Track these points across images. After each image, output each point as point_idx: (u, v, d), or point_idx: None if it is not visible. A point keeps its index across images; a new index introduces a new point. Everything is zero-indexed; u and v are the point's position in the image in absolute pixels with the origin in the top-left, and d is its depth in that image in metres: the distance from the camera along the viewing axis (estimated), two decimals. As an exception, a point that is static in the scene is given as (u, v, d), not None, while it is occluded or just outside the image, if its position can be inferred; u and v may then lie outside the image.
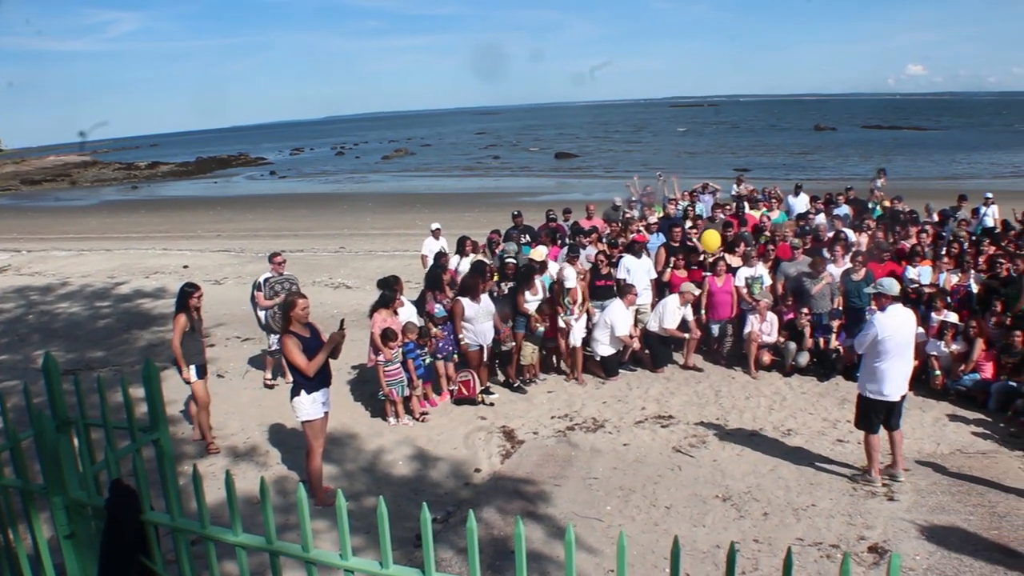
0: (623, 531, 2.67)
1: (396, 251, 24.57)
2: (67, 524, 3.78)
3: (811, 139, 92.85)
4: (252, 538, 3.21)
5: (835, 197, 18.96)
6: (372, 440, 10.43)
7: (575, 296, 12.67)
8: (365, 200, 44.90)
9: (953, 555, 7.39)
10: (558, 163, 70.86)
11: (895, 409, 8.85)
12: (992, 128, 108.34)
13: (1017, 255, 13.18)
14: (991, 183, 40.83)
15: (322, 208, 41.25)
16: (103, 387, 3.93)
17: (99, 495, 3.77)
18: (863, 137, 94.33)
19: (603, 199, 23.48)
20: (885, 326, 8.61)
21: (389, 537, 2.87)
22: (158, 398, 3.94)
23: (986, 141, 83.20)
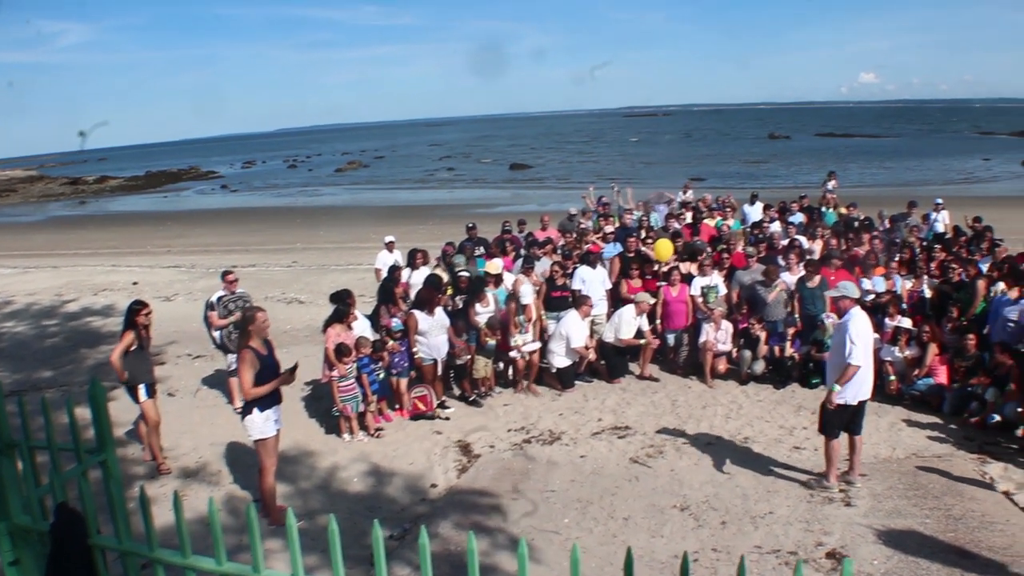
0: (576, 544, 2.64)
1: (350, 265, 24.40)
2: (11, 550, 3.68)
3: (765, 147, 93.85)
4: (202, 560, 3.14)
5: (789, 205, 19.11)
6: (327, 457, 10.31)
7: (529, 314, 12.65)
8: (318, 213, 44.71)
9: (910, 558, 7.46)
10: (512, 174, 70.93)
11: (859, 414, 8.92)
12: (944, 135, 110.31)
13: (969, 260, 13.35)
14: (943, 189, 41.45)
15: (275, 222, 40.95)
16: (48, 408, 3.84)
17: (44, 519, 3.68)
18: (817, 145, 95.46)
19: (558, 210, 23.53)
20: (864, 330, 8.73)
21: (341, 556, 2.82)
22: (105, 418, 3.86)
23: (938, 148, 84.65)
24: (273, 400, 8.22)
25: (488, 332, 12.25)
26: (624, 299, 13.38)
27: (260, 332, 8.13)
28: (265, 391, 8.02)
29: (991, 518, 8.29)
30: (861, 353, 8.61)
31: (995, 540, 7.82)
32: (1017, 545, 7.71)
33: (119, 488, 3.63)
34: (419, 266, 14.05)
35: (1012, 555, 7.50)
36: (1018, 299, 11.52)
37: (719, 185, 41.00)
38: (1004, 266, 12.91)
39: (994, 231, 15.67)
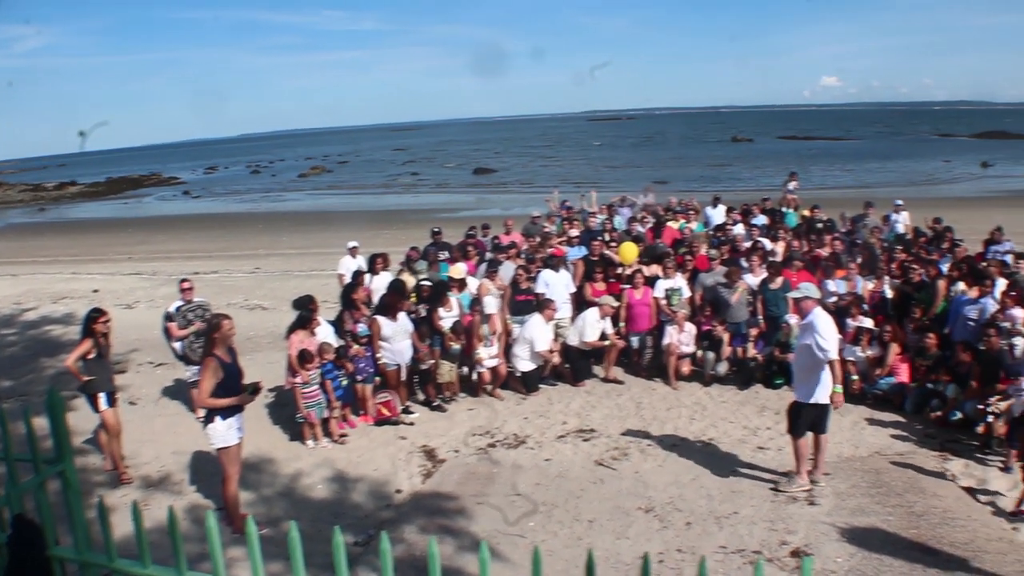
0: (537, 547, 2.62)
1: (313, 271, 24.25)
2: (-34, 564, 3.62)
3: (728, 151, 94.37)
4: (162, 570, 3.10)
5: (752, 207, 19.25)
6: (290, 464, 10.23)
7: (494, 326, 12.64)
8: (281, 219, 44.44)
9: (873, 555, 7.54)
10: (477, 179, 70.84)
11: (825, 413, 8.97)
12: (904, 137, 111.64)
13: (929, 261, 13.49)
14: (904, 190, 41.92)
15: (237, 228, 40.61)
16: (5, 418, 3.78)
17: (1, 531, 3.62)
18: (780, 148, 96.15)
19: (522, 214, 23.52)
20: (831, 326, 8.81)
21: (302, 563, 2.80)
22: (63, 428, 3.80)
23: (899, 150, 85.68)
24: (235, 408, 8.15)
25: (452, 337, 12.24)
26: (588, 302, 13.39)
27: (225, 340, 8.07)
28: (222, 404, 7.95)
29: (953, 514, 8.40)
30: (835, 348, 8.74)
31: (957, 536, 7.91)
32: (978, 540, 7.82)
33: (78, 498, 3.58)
34: (380, 271, 13.99)
35: (973, 550, 7.60)
36: (977, 298, 11.68)
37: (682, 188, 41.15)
38: (964, 266, 13.08)
39: (954, 231, 15.85)
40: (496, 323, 12.72)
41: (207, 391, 7.88)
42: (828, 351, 8.60)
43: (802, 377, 8.87)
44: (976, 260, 13.95)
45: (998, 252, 15.01)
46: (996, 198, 42.24)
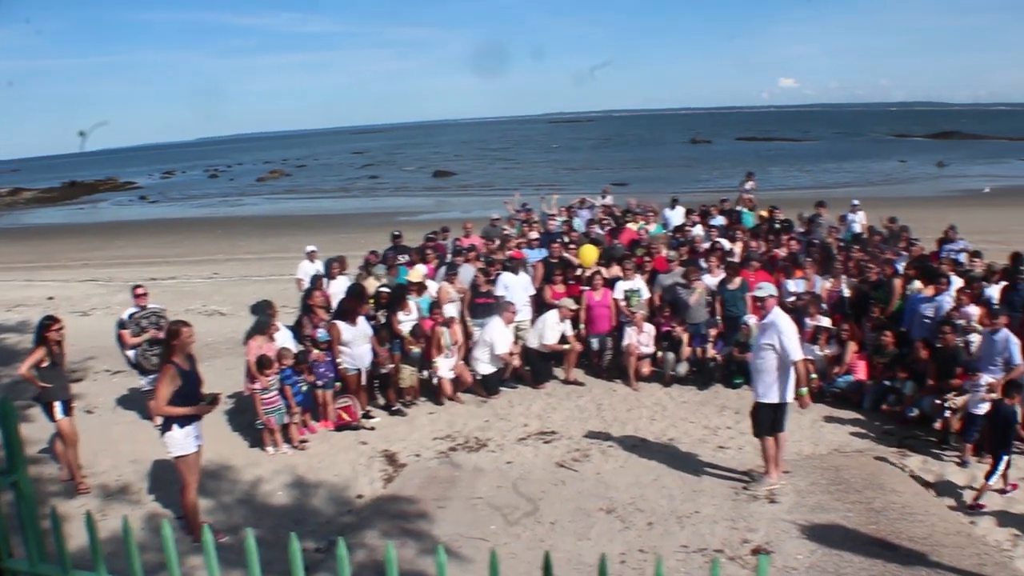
0: (494, 551, 2.61)
1: (272, 275, 24.09)
2: (-86, 579, 3.55)
3: (688, 152, 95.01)
4: (118, 580, 3.06)
5: (710, 208, 19.38)
6: (250, 470, 10.13)
7: (455, 335, 12.61)
8: (240, 224, 44.10)
9: (833, 552, 7.61)
10: (436, 181, 70.69)
11: (784, 412, 9.04)
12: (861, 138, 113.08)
13: (885, 260, 13.63)
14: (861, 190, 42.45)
15: (195, 233, 40.23)
16: (-44, 430, 3.71)
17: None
18: (738, 149, 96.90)
19: (482, 216, 23.50)
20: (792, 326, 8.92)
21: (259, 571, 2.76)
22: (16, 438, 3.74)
23: (856, 150, 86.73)
24: (194, 415, 8.07)
25: (411, 341, 12.20)
26: (548, 304, 13.40)
27: (184, 347, 7.99)
28: (179, 413, 7.87)
29: (911, 509, 8.51)
30: (799, 348, 8.84)
31: (915, 531, 8.01)
32: (936, 534, 7.92)
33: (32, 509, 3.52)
34: (336, 275, 13.94)
35: (932, 544, 7.70)
36: (933, 296, 11.80)
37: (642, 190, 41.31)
38: (920, 265, 13.23)
39: (910, 231, 16.04)
40: (457, 332, 12.69)
41: (164, 399, 7.79)
42: (793, 352, 8.68)
43: (762, 377, 8.91)
44: (931, 259, 14.11)
45: (952, 250, 15.20)
46: (951, 197, 42.87)
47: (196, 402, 8.01)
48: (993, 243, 21.11)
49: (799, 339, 9.32)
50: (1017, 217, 32.99)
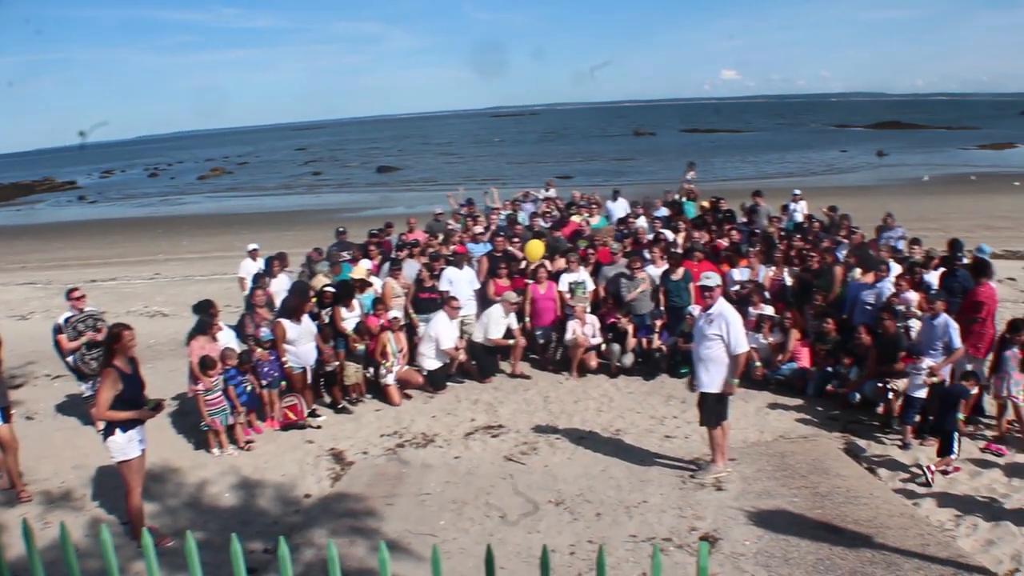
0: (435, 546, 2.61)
1: (215, 275, 23.89)
2: None
3: (631, 144, 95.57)
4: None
5: (653, 200, 19.48)
6: (195, 473, 10.00)
7: (400, 341, 12.56)
8: (181, 223, 43.62)
9: (780, 537, 7.70)
10: (380, 177, 70.47)
11: (727, 400, 9.12)
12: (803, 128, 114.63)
13: (826, 248, 13.79)
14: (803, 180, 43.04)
15: (135, 233, 39.75)
16: None
17: None
18: (682, 141, 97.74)
19: (426, 212, 23.45)
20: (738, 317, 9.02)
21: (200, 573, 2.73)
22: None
23: (798, 141, 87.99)
24: (136, 420, 7.95)
25: (355, 338, 12.14)
26: (493, 299, 13.40)
27: (125, 351, 7.86)
28: (121, 417, 7.75)
29: (856, 493, 8.64)
30: (745, 339, 8.92)
31: (860, 513, 8.14)
32: (881, 517, 8.05)
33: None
34: (277, 273, 13.84)
35: (876, 527, 7.83)
36: (874, 283, 11.97)
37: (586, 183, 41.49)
38: (859, 252, 13.42)
39: (851, 219, 16.24)
40: (402, 339, 12.65)
41: (105, 403, 7.65)
42: (739, 344, 8.77)
43: (708, 367, 8.97)
44: (870, 246, 14.31)
45: (891, 238, 15.45)
46: (892, 186, 43.64)
47: (139, 406, 7.89)
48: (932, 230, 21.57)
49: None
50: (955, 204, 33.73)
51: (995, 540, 7.64)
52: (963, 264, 12.20)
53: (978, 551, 7.45)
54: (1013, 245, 24.30)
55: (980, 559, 7.27)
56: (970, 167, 53.85)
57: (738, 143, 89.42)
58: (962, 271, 11.85)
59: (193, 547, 2.70)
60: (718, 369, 8.90)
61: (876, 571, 7.02)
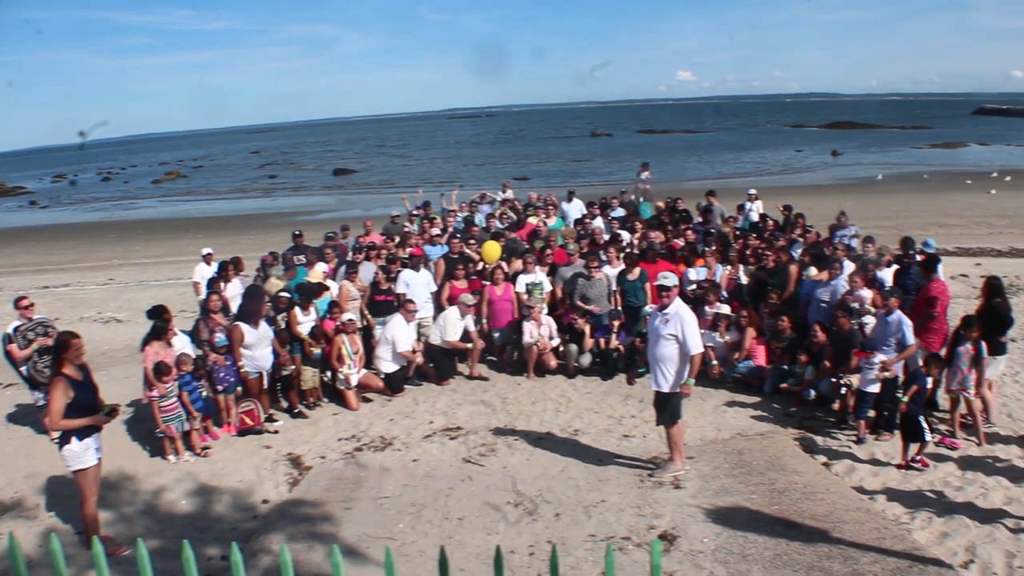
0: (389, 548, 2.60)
1: (170, 280, 23.67)
2: None
3: (588, 145, 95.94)
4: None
5: (610, 201, 19.57)
6: (151, 480, 9.88)
7: (355, 343, 12.48)
8: (135, 227, 43.12)
9: (738, 534, 7.75)
10: (337, 180, 70.12)
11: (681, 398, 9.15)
12: (759, 129, 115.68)
13: (780, 247, 13.90)
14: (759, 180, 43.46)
15: (89, 238, 39.17)
16: None
17: None
18: (638, 141, 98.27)
19: (383, 214, 23.38)
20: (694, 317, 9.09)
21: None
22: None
23: (753, 141, 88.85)
24: (92, 428, 7.85)
25: (311, 342, 12.06)
26: (450, 300, 13.38)
27: (74, 359, 7.75)
28: (76, 425, 7.65)
29: (812, 488, 8.74)
30: (700, 340, 8.97)
31: (817, 509, 8.23)
32: (837, 512, 8.15)
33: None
34: (231, 278, 13.74)
35: (833, 521, 7.92)
36: (828, 281, 12.09)
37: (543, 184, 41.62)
38: (814, 251, 13.56)
39: (806, 218, 16.39)
40: (357, 340, 12.56)
41: (59, 412, 7.55)
42: (694, 345, 8.82)
43: (663, 366, 9.01)
44: (824, 245, 14.45)
45: (844, 236, 15.59)
46: (846, 185, 44.22)
47: (93, 412, 7.79)
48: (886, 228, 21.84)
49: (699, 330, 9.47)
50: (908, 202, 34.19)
51: (949, 532, 7.74)
52: (916, 261, 12.35)
53: (933, 543, 7.56)
54: (965, 242, 24.71)
55: (935, 551, 7.37)
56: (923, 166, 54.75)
57: (695, 143, 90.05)
58: (915, 268, 12.00)
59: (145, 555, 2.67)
60: (673, 368, 8.95)
61: (833, 565, 7.08)
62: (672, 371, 8.96)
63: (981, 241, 25.25)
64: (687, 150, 79.45)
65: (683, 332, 8.78)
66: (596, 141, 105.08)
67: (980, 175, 44.81)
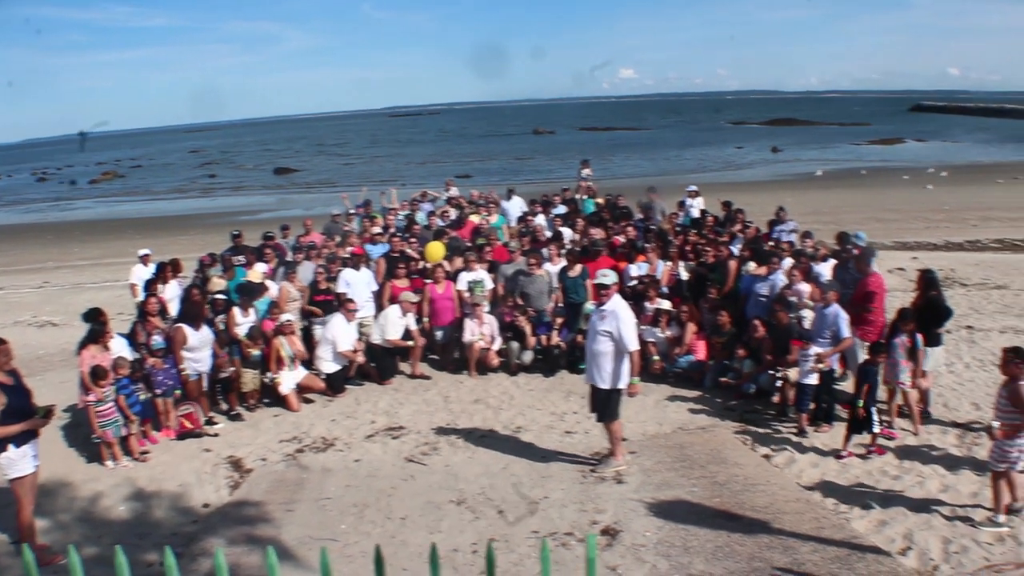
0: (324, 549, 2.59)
1: (107, 282, 23.33)
2: None
3: (531, 143, 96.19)
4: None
5: (552, 198, 19.61)
6: (88, 486, 9.70)
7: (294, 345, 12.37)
8: (72, 229, 42.37)
9: (680, 526, 7.85)
10: (277, 179, 69.45)
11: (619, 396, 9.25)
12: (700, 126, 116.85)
13: (720, 242, 14.04)
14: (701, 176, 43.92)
15: (23, 240, 38.38)
16: None
17: None
18: (581, 139, 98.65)
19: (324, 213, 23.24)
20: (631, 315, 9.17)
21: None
22: None
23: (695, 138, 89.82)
24: (29, 435, 7.71)
25: (248, 344, 11.93)
26: (392, 299, 13.33)
27: (3, 364, 7.60)
28: (12, 431, 7.50)
29: (753, 480, 8.88)
30: (636, 338, 9.08)
31: (757, 500, 8.37)
32: (777, 503, 8.30)
33: None
34: (169, 280, 13.55)
35: (773, 512, 8.06)
36: (767, 275, 12.22)
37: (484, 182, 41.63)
38: (753, 246, 13.71)
39: (745, 213, 16.57)
40: (295, 341, 12.46)
41: None
42: (630, 342, 8.89)
43: (603, 363, 9.07)
44: (763, 240, 14.61)
45: (783, 231, 15.78)
46: (787, 181, 44.86)
47: (28, 416, 7.65)
48: (825, 223, 22.16)
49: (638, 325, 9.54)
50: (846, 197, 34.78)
51: (887, 520, 7.93)
52: (853, 255, 12.54)
53: (871, 532, 7.74)
54: (902, 236, 25.19)
55: (873, 539, 7.56)
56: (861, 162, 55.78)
57: (637, 141, 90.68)
58: (852, 262, 12.18)
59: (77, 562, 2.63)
60: (609, 365, 9.03)
61: (773, 555, 7.21)
62: (608, 367, 9.04)
63: (918, 235, 25.79)
64: (630, 147, 79.93)
65: (619, 329, 8.85)
66: (538, 139, 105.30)
67: (917, 171, 45.76)
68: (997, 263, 20.76)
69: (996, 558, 7.21)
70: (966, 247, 23.76)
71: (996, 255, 22.29)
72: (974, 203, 32.47)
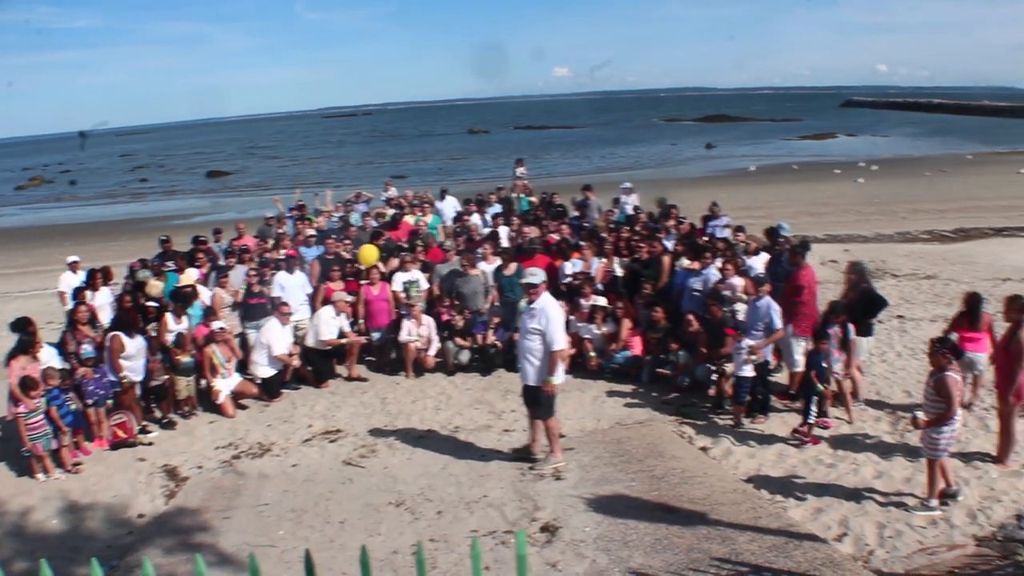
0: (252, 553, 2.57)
1: (35, 291, 22.83)
2: None
3: (466, 143, 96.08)
4: None
5: (487, 197, 19.63)
6: (19, 500, 9.51)
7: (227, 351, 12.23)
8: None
9: (619, 521, 7.93)
10: (210, 183, 68.52)
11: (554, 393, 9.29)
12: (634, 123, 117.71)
13: (653, 238, 14.14)
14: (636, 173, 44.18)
15: (-55, 250, 37.51)
16: None
17: None
18: (516, 138, 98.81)
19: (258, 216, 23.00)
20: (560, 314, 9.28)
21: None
22: None
23: (629, 135, 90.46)
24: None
25: (176, 351, 11.75)
26: (326, 301, 13.25)
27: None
28: None
29: (690, 473, 8.99)
30: (563, 337, 9.13)
31: (695, 493, 8.48)
32: (715, 494, 8.42)
33: None
34: (100, 287, 13.31)
35: (711, 504, 8.18)
36: (700, 270, 12.34)
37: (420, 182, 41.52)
38: (687, 241, 13.84)
39: (679, 209, 16.71)
40: (230, 349, 12.31)
41: None
42: (557, 341, 8.95)
43: (531, 360, 9.14)
44: (697, 235, 14.74)
45: (716, 226, 15.94)
46: (720, 176, 45.32)
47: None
48: (758, 217, 22.40)
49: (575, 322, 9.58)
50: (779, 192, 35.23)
51: (823, 508, 8.10)
52: (786, 248, 12.70)
53: (808, 519, 7.90)
54: (834, 229, 25.59)
55: (810, 527, 7.71)
56: (793, 157, 56.54)
57: (571, 139, 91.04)
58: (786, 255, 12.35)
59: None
60: (540, 363, 9.09)
61: (712, 546, 7.31)
62: (538, 364, 9.10)
63: (849, 228, 26.22)
64: (565, 145, 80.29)
65: (547, 327, 8.91)
66: (473, 138, 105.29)
67: (848, 165, 46.47)
68: (927, 254, 21.18)
69: (929, 541, 7.40)
70: (896, 239, 24.19)
71: (926, 246, 22.72)
72: (903, 196, 33.08)
